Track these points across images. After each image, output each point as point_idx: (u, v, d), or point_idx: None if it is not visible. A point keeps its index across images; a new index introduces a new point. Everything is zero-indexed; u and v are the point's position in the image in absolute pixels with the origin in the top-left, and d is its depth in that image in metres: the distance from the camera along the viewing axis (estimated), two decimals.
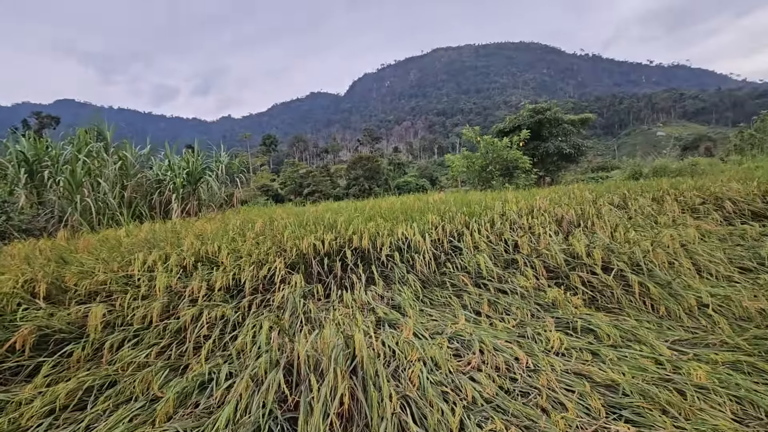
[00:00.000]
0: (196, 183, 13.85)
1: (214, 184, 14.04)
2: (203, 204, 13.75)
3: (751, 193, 7.27)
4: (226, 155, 17.91)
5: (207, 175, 14.16)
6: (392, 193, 43.59)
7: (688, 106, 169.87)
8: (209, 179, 13.89)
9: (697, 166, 17.57)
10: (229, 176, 16.01)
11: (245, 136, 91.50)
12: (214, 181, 13.46)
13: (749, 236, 5.54)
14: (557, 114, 21.22)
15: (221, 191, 15.22)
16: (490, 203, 6.19)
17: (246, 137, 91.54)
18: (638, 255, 3.85)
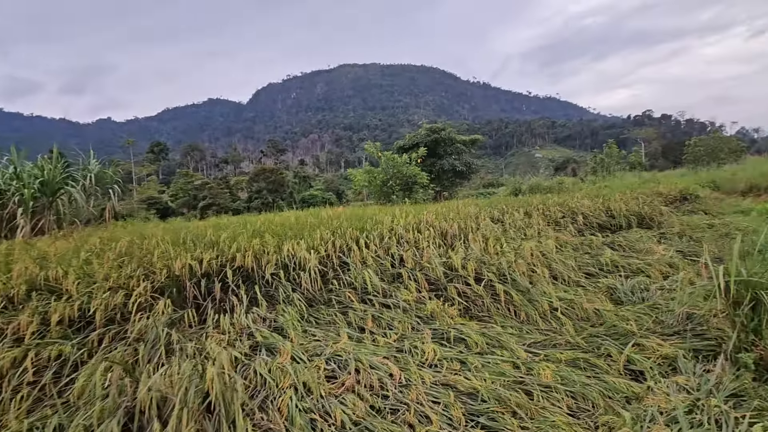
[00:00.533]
0: (53, 195, 11.81)
1: (78, 197, 12.12)
2: (64, 220, 11.77)
3: (597, 209, 8.57)
4: (96, 163, 15.61)
5: (69, 185, 12.15)
6: (297, 207, 42.50)
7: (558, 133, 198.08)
8: (72, 191, 11.95)
9: (563, 184, 20.43)
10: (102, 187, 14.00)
11: (128, 142, 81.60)
12: (78, 193, 11.61)
13: (594, 245, 6.50)
14: (451, 134, 22.98)
15: (89, 205, 13.18)
16: (381, 218, 6.33)
17: (129, 143, 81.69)
18: (504, 266, 4.24)
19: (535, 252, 5.36)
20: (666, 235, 7.33)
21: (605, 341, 3.10)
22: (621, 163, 24.60)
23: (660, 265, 5.13)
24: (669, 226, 7.95)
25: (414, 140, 23.14)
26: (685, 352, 2.79)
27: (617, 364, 2.82)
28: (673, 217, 8.64)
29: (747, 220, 9.08)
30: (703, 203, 11.96)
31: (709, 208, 11.49)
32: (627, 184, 18.22)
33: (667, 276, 4.93)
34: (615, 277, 4.88)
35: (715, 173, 20.01)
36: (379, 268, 4.74)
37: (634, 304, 3.97)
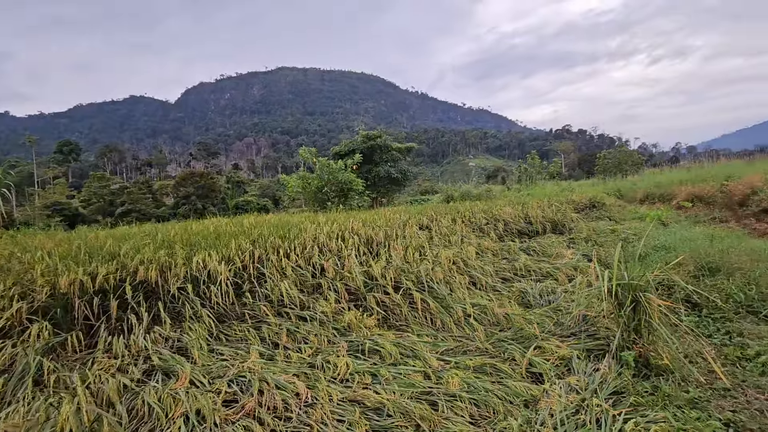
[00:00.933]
0: None
1: None
2: None
3: (517, 216, 9.09)
4: None
5: None
6: (230, 214, 40.44)
7: (490, 143, 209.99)
8: None
9: (491, 192, 21.62)
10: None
11: (29, 140, 72.30)
12: None
13: (512, 251, 6.85)
14: (387, 141, 23.29)
15: None
16: (307, 226, 6.15)
17: (30, 142, 72.39)
18: (423, 274, 4.28)
19: (457, 259, 5.52)
20: (575, 240, 7.96)
21: (511, 345, 3.23)
22: (542, 173, 26.62)
23: (567, 269, 5.53)
24: (578, 232, 8.66)
25: (350, 147, 23.10)
26: (579, 352, 2.98)
27: (521, 368, 2.93)
28: (582, 223, 9.43)
29: (642, 225, 10.19)
30: (609, 210, 13.26)
31: (613, 215, 12.75)
32: (547, 192, 19.71)
33: (572, 278, 5.31)
34: (527, 282, 5.16)
35: (620, 183, 22.34)
36: (299, 278, 4.57)
37: (541, 307, 4.20)
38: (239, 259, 4.64)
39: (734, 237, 7.13)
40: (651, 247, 6.74)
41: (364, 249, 5.45)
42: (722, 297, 3.81)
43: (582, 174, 70.28)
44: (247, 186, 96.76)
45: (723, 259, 4.45)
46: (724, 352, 3.04)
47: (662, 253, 6.17)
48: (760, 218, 10.23)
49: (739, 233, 8.27)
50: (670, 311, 3.00)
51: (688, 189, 14.01)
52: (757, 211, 10.36)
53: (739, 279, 4.07)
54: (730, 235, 7.54)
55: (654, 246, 6.70)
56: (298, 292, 4.31)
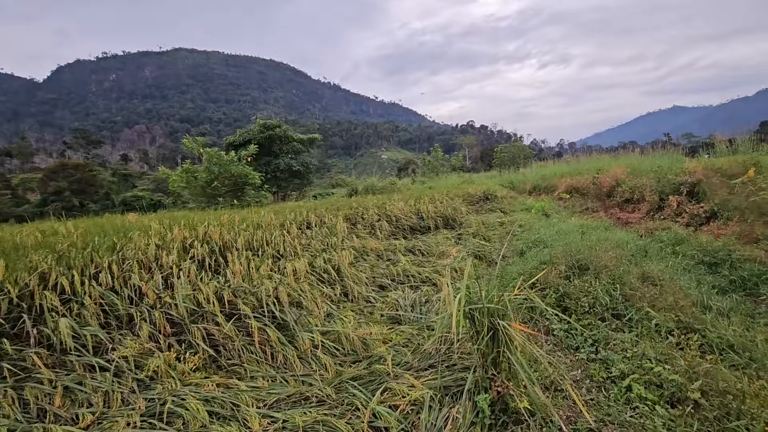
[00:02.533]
0: None
1: None
2: None
3: (410, 212, 8.69)
4: None
5: None
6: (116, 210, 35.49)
7: (401, 137, 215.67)
8: None
9: (395, 185, 21.51)
10: None
11: None
12: None
13: (398, 250, 6.33)
14: (287, 132, 21.81)
15: None
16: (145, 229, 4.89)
17: None
18: (264, 294, 3.43)
19: (328, 267, 4.78)
20: (463, 236, 7.78)
21: (356, 391, 2.55)
22: (445, 166, 27.43)
23: (449, 271, 5.13)
24: (467, 227, 8.55)
25: (246, 137, 21.18)
26: (434, 392, 2.41)
27: (362, 422, 2.26)
28: (472, 217, 9.39)
29: (528, 217, 10.59)
30: (500, 202, 13.76)
31: (504, 207, 13.23)
32: (448, 184, 20.17)
33: (453, 282, 4.92)
34: (404, 289, 4.63)
35: (513, 176, 23.85)
36: (104, 308, 3.42)
37: (411, 323, 3.65)
38: (14, 287, 3.33)
39: (602, 228, 7.52)
40: (531, 241, 6.76)
41: (212, 261, 4.42)
42: (589, 300, 3.62)
43: (483, 166, 75.35)
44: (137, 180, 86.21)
45: (592, 256, 4.36)
46: (590, 371, 2.74)
47: (540, 248, 6.15)
48: (623, 208, 11.26)
49: (606, 223, 8.84)
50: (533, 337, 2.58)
51: (567, 181, 15.14)
52: (620, 201, 11.38)
53: (606, 278, 3.96)
54: (599, 226, 7.97)
55: (534, 240, 6.72)
56: (99, 329, 3.18)
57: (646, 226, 8.09)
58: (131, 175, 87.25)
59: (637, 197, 10.63)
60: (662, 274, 4.11)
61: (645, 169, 11.96)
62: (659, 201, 9.69)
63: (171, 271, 3.92)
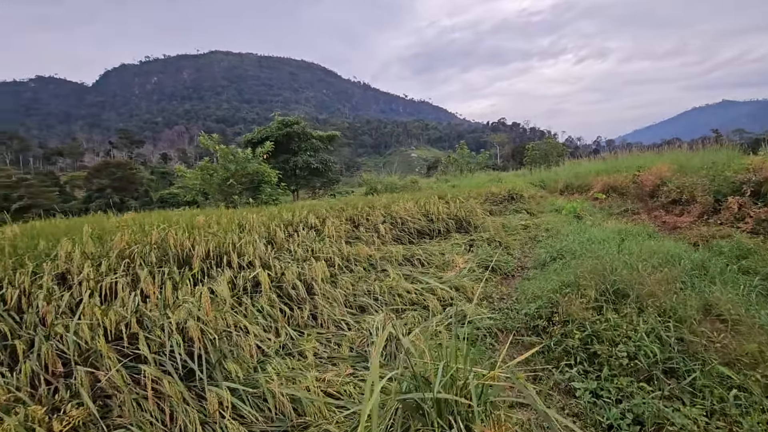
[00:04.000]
0: None
1: None
2: None
3: (418, 213, 7.72)
4: None
5: None
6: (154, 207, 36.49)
7: (431, 135, 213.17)
8: None
9: (416, 183, 20.52)
10: None
11: None
12: None
13: (394, 259, 5.39)
14: (305, 129, 21.23)
15: None
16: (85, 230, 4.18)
17: None
18: (167, 329, 2.57)
19: (296, 282, 3.92)
20: (476, 242, 6.72)
21: None
22: (471, 163, 26.09)
23: (446, 290, 4.14)
24: (483, 230, 7.48)
25: (264, 133, 20.74)
26: None
27: None
28: (489, 220, 8.29)
29: (557, 219, 9.35)
30: (527, 202, 12.49)
31: (531, 207, 11.97)
32: (474, 183, 18.95)
33: (449, 304, 3.94)
34: (387, 312, 3.69)
35: (544, 174, 22.26)
36: None
37: (381, 366, 2.71)
38: None
39: (644, 235, 6.26)
40: (557, 250, 5.64)
41: (158, 274, 3.64)
42: (629, 348, 2.56)
43: (515, 165, 72.73)
44: (175, 178, 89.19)
45: (633, 279, 3.27)
46: None
47: (566, 259, 5.03)
48: (668, 210, 9.78)
49: (649, 228, 7.51)
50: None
51: (603, 180, 13.64)
52: (666, 202, 9.90)
53: (652, 312, 2.87)
54: (640, 232, 6.69)
55: (560, 249, 5.60)
56: None
57: (699, 233, 6.73)
58: (169, 173, 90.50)
59: (686, 198, 9.17)
60: (733, 305, 2.97)
61: (694, 167, 10.40)
62: (714, 202, 8.22)
63: (92, 288, 3.17)
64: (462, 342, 2.11)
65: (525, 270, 5.60)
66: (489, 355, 2.92)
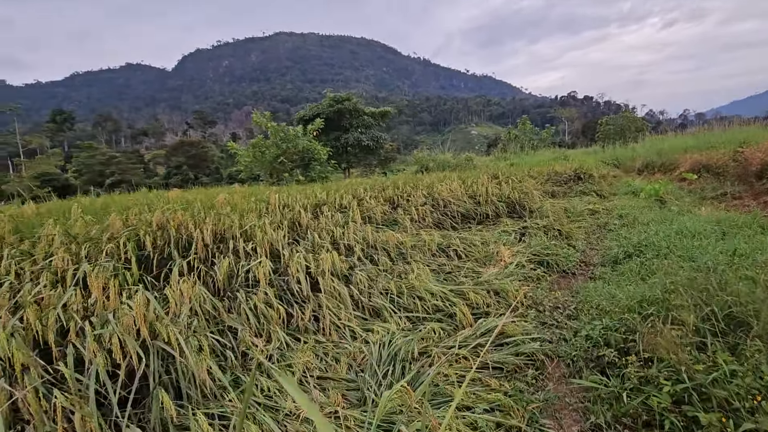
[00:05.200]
0: None
1: None
2: None
3: (463, 194, 6.81)
4: None
5: None
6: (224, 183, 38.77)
7: (493, 111, 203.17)
8: None
9: (471, 161, 19.13)
10: None
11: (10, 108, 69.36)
12: None
13: (428, 248, 4.62)
14: (357, 105, 20.60)
15: None
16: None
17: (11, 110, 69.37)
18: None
19: (300, 275, 3.31)
20: (529, 229, 5.68)
21: None
22: (534, 140, 23.91)
23: (482, 293, 3.30)
24: (541, 216, 6.37)
25: (316, 110, 20.45)
26: None
27: None
28: (547, 203, 7.11)
29: (633, 203, 7.88)
30: (597, 183, 10.87)
31: (601, 189, 10.40)
32: (536, 161, 17.22)
33: (486, 312, 3.10)
34: (397, 321, 2.96)
35: (619, 151, 19.73)
36: None
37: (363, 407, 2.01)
38: None
39: (756, 228, 4.81)
40: (634, 244, 4.48)
41: (144, 263, 3.23)
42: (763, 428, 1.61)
43: (585, 141, 66.88)
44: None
45: (755, 300, 2.21)
46: None
47: (647, 257, 3.91)
48: None
49: (759, 217, 5.93)
50: None
51: (693, 157, 11.52)
52: None
53: None
54: (748, 223, 5.21)
55: (638, 243, 4.44)
56: None
57: None
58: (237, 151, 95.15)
59: None
60: None
61: None
62: None
63: (49, 281, 2.79)
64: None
65: (589, 267, 4.54)
66: (528, 398, 2.10)
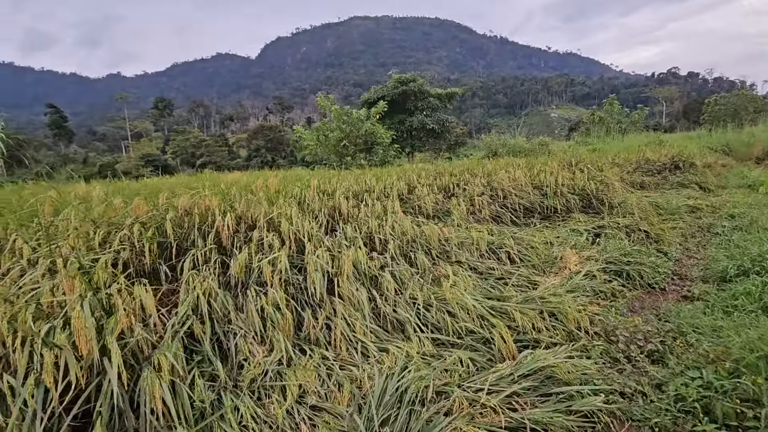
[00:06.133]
0: None
1: None
2: None
3: (528, 184, 5.95)
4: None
5: None
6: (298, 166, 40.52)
7: (577, 91, 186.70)
8: None
9: (546, 146, 17.40)
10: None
11: (120, 96, 78.79)
12: None
13: (477, 247, 3.98)
14: (423, 86, 19.72)
15: None
16: None
17: (122, 98, 78.77)
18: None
19: (314, 277, 2.91)
20: (607, 229, 4.69)
21: None
22: (623, 123, 21.10)
23: (531, 314, 2.61)
24: (622, 212, 5.29)
25: (380, 93, 19.97)
26: None
27: None
28: (632, 197, 5.92)
29: (748, 199, 6.34)
30: (701, 174, 9.09)
31: (705, 181, 8.66)
32: (624, 146, 15.16)
33: (535, 341, 2.42)
34: (421, 340, 2.41)
35: (731, 135, 16.68)
36: None
37: None
38: None
39: None
40: (752, 257, 3.41)
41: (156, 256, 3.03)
42: None
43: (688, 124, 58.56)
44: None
45: None
46: None
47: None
48: None
49: None
50: None
51: None
52: None
53: None
54: None
55: (756, 257, 3.36)
56: None
57: None
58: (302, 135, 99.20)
59: None
60: None
61: None
62: None
63: None
64: None
65: (685, 283, 3.56)
66: None
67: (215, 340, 2.69)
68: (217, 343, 2.67)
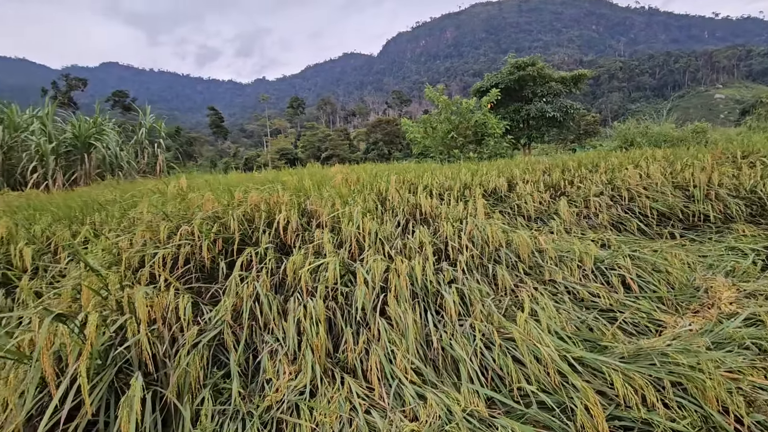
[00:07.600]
0: (86, 148, 12.50)
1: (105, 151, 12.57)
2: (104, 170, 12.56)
3: (663, 183, 4.65)
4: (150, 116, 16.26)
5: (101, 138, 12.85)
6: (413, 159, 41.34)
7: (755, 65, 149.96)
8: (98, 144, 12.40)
9: (703, 134, 13.99)
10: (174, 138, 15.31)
11: (263, 98, 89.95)
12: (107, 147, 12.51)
13: (577, 264, 3.15)
14: (543, 70, 17.65)
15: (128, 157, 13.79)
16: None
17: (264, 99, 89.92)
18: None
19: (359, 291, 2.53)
20: None
21: None
22: None
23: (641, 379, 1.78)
24: None
25: (494, 80, 18.56)
26: None
27: None
28: None
29: None
30: None
31: None
32: None
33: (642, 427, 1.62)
34: (470, 393, 1.81)
35: None
36: None
37: None
38: None
39: None
40: None
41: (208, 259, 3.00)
42: None
43: None
44: None
45: None
46: None
47: None
48: None
49: None
50: None
51: None
52: None
53: None
54: None
55: None
56: None
57: None
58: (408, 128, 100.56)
59: None
60: None
61: None
62: None
63: None
64: None
65: None
66: None
67: (252, 350, 2.52)
68: (253, 354, 2.48)
